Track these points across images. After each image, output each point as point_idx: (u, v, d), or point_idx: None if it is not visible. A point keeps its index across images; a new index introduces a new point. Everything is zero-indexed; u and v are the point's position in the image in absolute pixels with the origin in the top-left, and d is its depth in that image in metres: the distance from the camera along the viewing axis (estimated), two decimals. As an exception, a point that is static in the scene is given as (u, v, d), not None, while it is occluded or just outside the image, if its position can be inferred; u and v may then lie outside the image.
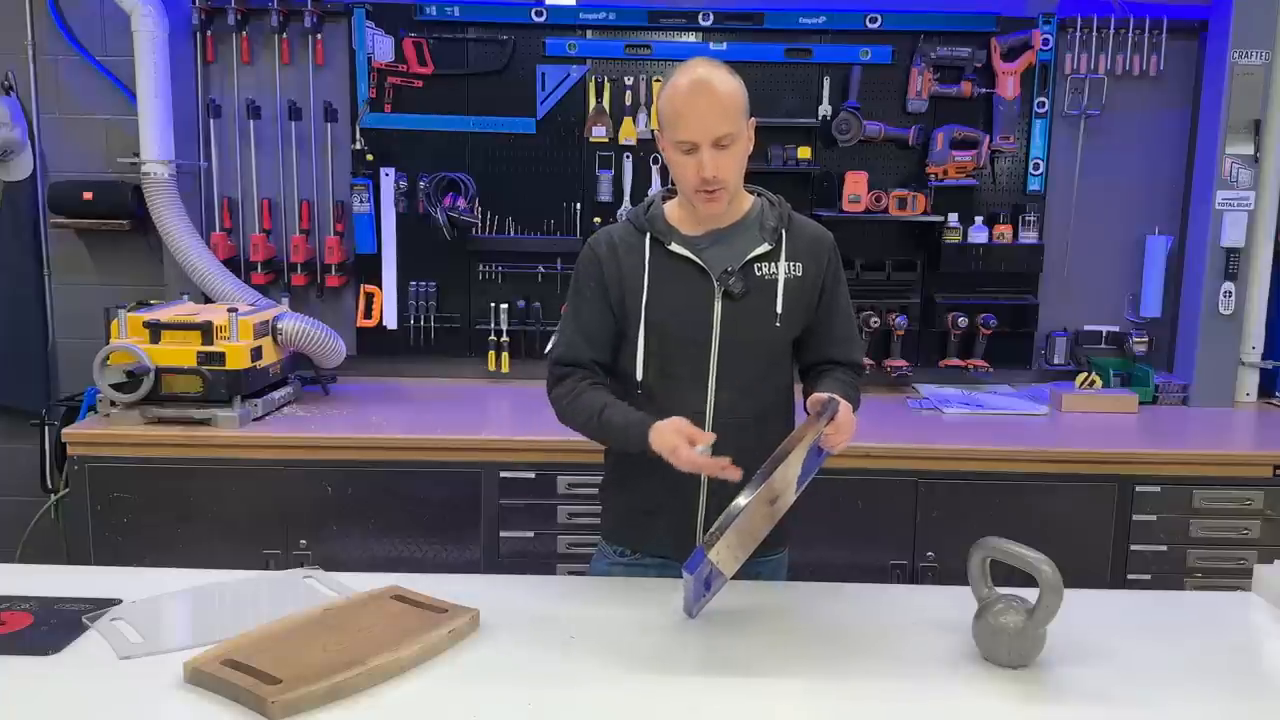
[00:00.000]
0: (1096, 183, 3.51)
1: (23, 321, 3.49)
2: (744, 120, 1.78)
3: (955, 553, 2.26)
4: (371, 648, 1.51)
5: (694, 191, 1.78)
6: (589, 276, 1.90)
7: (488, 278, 3.50)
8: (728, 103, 1.74)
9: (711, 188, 1.76)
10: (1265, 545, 2.87)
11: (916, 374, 3.51)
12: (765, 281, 1.85)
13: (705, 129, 1.73)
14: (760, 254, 1.85)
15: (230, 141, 3.45)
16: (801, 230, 1.91)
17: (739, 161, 1.79)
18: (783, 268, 1.85)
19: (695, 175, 1.75)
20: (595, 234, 1.94)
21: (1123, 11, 3.38)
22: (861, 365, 1.99)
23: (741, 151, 1.79)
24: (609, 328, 1.90)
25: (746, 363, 1.86)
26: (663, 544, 1.92)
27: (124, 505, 2.83)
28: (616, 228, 1.93)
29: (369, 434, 2.89)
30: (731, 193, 1.81)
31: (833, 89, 3.42)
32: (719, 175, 1.74)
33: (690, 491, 1.86)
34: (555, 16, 3.37)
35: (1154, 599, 2.05)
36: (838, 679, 1.53)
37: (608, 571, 2.00)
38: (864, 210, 3.35)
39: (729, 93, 1.75)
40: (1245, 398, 3.44)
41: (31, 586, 1.77)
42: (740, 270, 1.84)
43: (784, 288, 1.85)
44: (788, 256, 1.86)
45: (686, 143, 1.74)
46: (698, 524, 1.88)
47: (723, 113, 1.73)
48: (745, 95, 1.79)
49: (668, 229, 1.87)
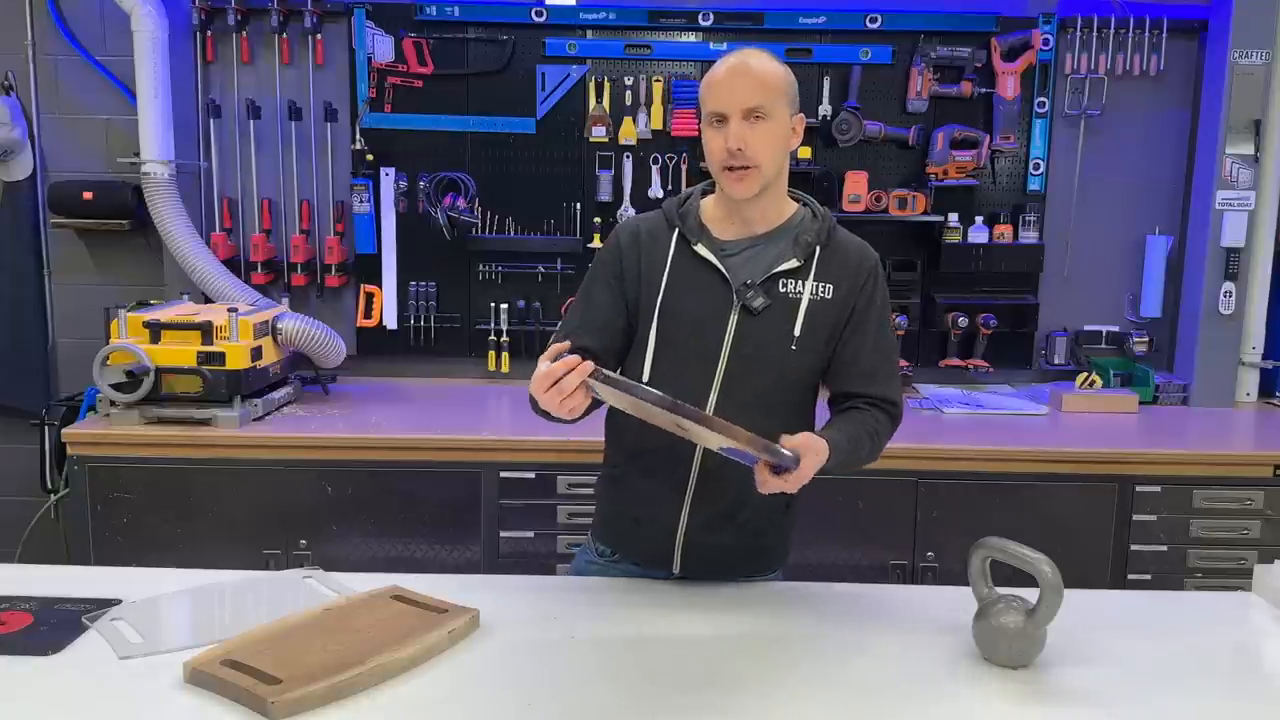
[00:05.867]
0: (1096, 183, 3.51)
1: (23, 321, 3.49)
2: (783, 103, 1.70)
3: (955, 553, 2.27)
4: (371, 648, 1.51)
5: (721, 169, 1.71)
6: (606, 265, 1.83)
7: (488, 278, 3.50)
8: (765, 78, 1.69)
9: (738, 163, 1.68)
10: (1265, 545, 2.87)
11: (917, 374, 3.51)
12: (789, 300, 1.75)
13: (736, 99, 1.67)
14: (787, 269, 1.75)
15: (230, 141, 3.45)
16: (841, 249, 1.79)
17: (773, 143, 1.70)
18: (809, 287, 1.75)
19: (722, 148, 1.68)
20: (625, 221, 1.90)
21: (1123, 11, 3.38)
22: (894, 403, 1.81)
23: (777, 133, 1.70)
24: (616, 319, 1.82)
25: (755, 382, 1.76)
26: (642, 552, 1.90)
27: (124, 505, 2.83)
28: (648, 217, 1.86)
29: (369, 434, 2.89)
30: (765, 178, 1.71)
31: (833, 89, 3.42)
32: (746, 149, 1.67)
33: (673, 507, 1.82)
34: (555, 16, 3.37)
35: (1154, 599, 2.04)
36: (838, 679, 1.53)
37: (584, 569, 1.98)
38: (864, 210, 3.35)
39: (766, 69, 1.70)
40: (1245, 398, 3.44)
41: (31, 586, 1.77)
42: (763, 284, 1.74)
43: (806, 309, 1.74)
44: (817, 276, 1.75)
45: (717, 113, 1.69)
46: (677, 540, 1.84)
47: (756, 84, 1.68)
48: (791, 81, 1.73)
49: (698, 228, 1.78)
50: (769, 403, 1.77)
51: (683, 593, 1.84)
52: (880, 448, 1.81)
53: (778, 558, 1.95)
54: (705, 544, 1.84)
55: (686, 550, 1.85)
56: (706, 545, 1.84)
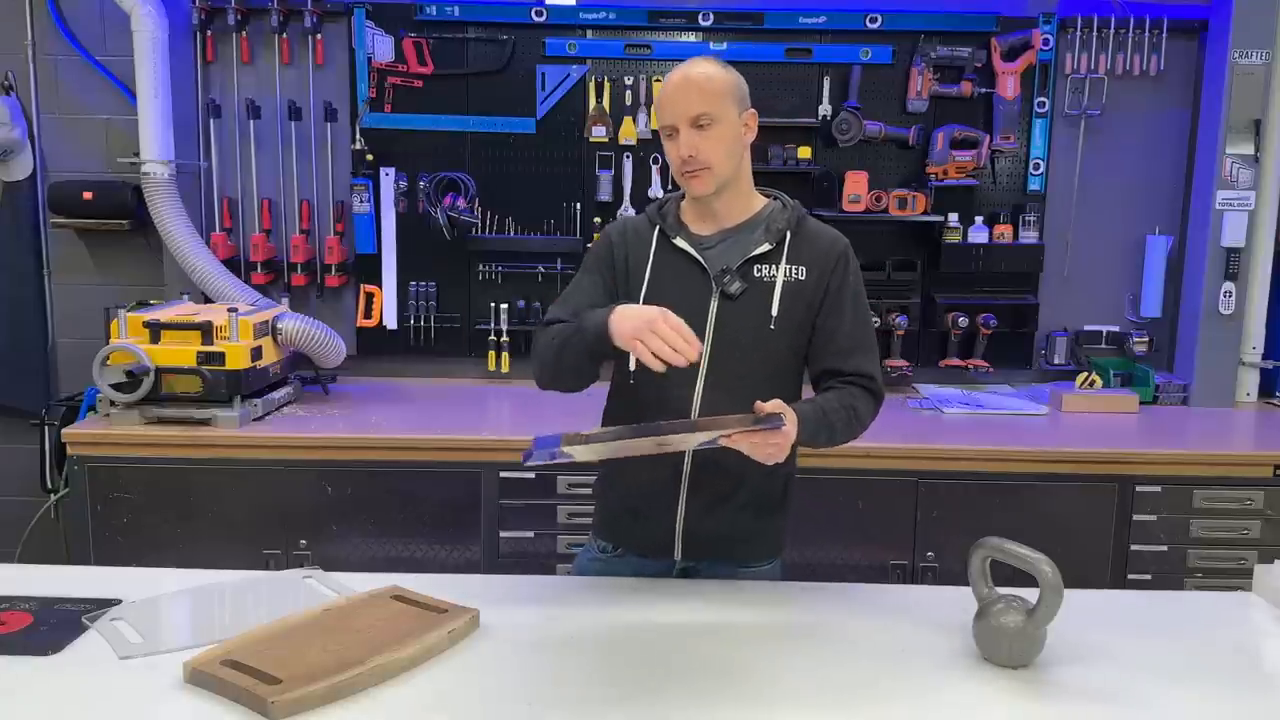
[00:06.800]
0: (1096, 183, 3.51)
1: (23, 321, 3.49)
2: (728, 105, 1.80)
3: (955, 553, 2.26)
4: (371, 648, 1.51)
5: (679, 175, 1.83)
6: (598, 256, 1.96)
7: (488, 278, 3.50)
8: (705, 86, 1.79)
9: (690, 168, 1.80)
10: (1265, 545, 2.87)
11: (917, 374, 3.51)
12: (764, 283, 1.85)
13: (680, 110, 1.78)
14: (760, 254, 1.85)
15: (230, 141, 3.45)
16: (812, 235, 1.89)
17: (723, 144, 1.80)
18: (783, 269, 1.84)
19: (676, 156, 1.81)
20: (614, 222, 2.04)
21: (1123, 11, 3.38)
22: (871, 377, 1.86)
23: (726, 135, 1.80)
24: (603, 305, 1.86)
25: (739, 364, 1.84)
26: (642, 544, 1.95)
27: (124, 505, 2.83)
28: (634, 217, 2.00)
29: (369, 434, 2.89)
30: (720, 176, 1.81)
31: (833, 89, 3.42)
32: (696, 155, 1.78)
33: (671, 496, 1.87)
34: (555, 16, 3.37)
35: (1154, 599, 2.04)
36: (838, 679, 1.53)
37: (587, 566, 2.02)
38: (864, 210, 3.35)
39: (707, 77, 1.80)
40: (1245, 398, 3.44)
41: (31, 586, 1.77)
42: (739, 270, 1.84)
43: (781, 290, 1.84)
44: (790, 259, 1.85)
45: (668, 127, 1.81)
46: (677, 527, 1.88)
47: (698, 94, 1.78)
48: (734, 83, 1.82)
49: (677, 224, 1.90)
50: (755, 386, 1.80)
51: (682, 591, 1.84)
52: (861, 422, 1.84)
53: (777, 542, 1.99)
54: (705, 529, 1.89)
55: (687, 537, 1.89)
56: (707, 530, 1.89)
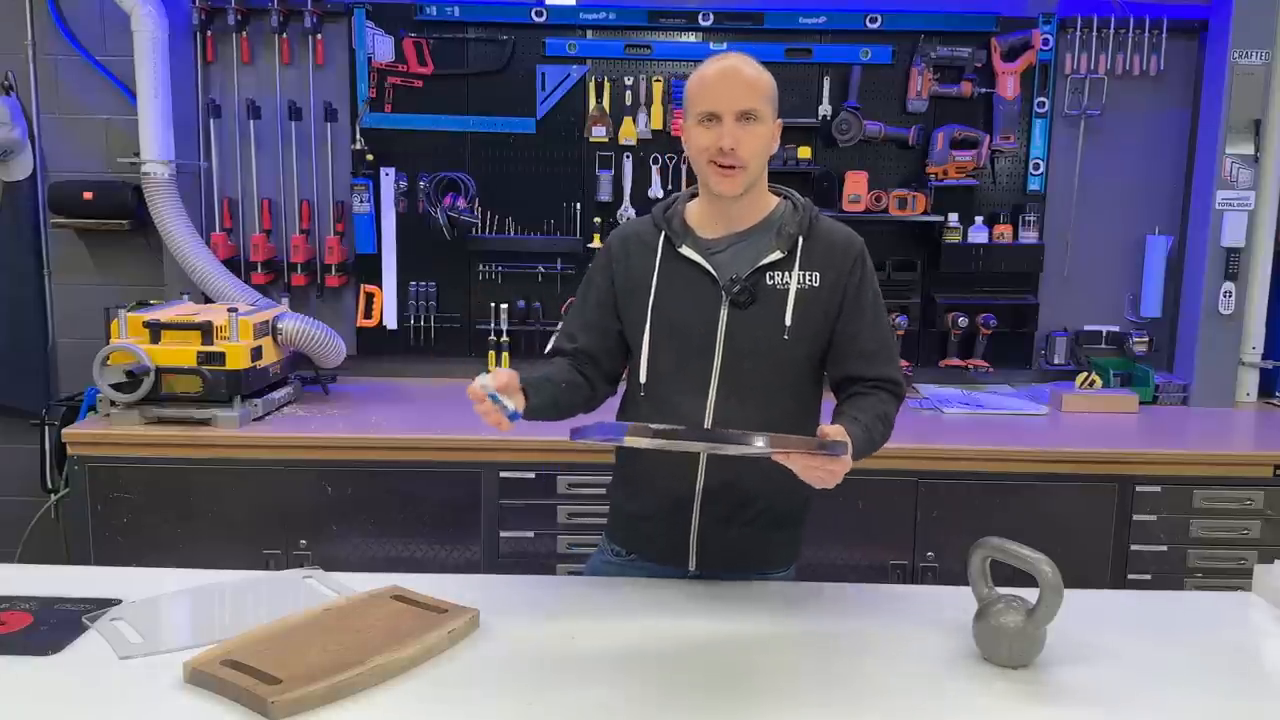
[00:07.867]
0: (1096, 183, 3.51)
1: (23, 321, 3.49)
2: (770, 108, 1.76)
3: (955, 553, 2.26)
4: (371, 648, 1.51)
5: (708, 163, 1.74)
6: (598, 273, 1.91)
7: (488, 278, 3.50)
8: (755, 82, 1.75)
9: (728, 161, 1.72)
10: (1265, 545, 2.87)
11: (917, 374, 3.51)
12: (776, 291, 1.78)
13: (731, 100, 1.72)
14: (771, 262, 1.79)
15: (230, 141, 3.45)
16: (825, 236, 1.82)
17: (761, 146, 1.75)
18: (796, 277, 1.78)
19: (714, 144, 1.72)
20: (617, 228, 1.96)
21: (1123, 11, 3.38)
22: (896, 382, 1.84)
23: (765, 136, 1.75)
24: (611, 321, 1.88)
25: (752, 374, 1.79)
26: (655, 550, 1.92)
27: (124, 505, 2.83)
28: (638, 223, 1.92)
29: (369, 434, 2.89)
30: (750, 178, 1.75)
31: (833, 89, 3.42)
32: (738, 149, 1.71)
33: (685, 504, 1.85)
34: (555, 16, 3.37)
35: (1154, 599, 2.04)
36: (838, 679, 1.53)
37: (601, 568, 2.00)
38: (864, 210, 3.35)
39: (758, 74, 1.76)
40: (1245, 398, 3.44)
41: (31, 586, 1.77)
42: (749, 278, 1.78)
43: (795, 298, 1.78)
44: (803, 265, 1.79)
45: (710, 113, 1.73)
46: (691, 539, 1.86)
47: (748, 89, 1.73)
48: (774, 88, 1.78)
49: (683, 230, 1.83)
50: (769, 395, 1.81)
51: (682, 592, 1.84)
52: (891, 428, 1.82)
53: (793, 552, 1.97)
54: (720, 539, 1.86)
55: (701, 546, 1.87)
56: (721, 540, 1.86)
